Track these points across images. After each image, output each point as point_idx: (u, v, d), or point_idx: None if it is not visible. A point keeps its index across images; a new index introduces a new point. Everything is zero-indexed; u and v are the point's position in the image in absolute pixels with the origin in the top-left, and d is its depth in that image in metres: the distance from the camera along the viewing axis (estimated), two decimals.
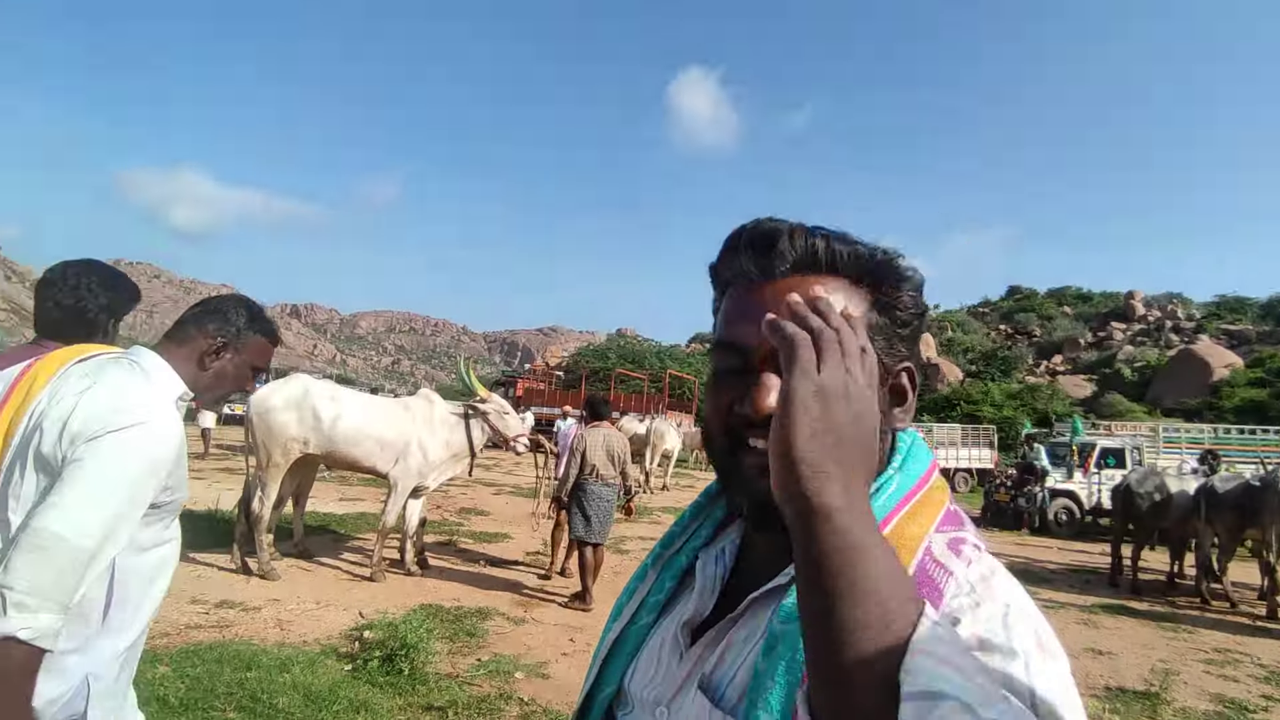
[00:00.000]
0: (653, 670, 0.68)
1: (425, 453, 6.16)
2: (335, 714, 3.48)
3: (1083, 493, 13.83)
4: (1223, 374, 37.60)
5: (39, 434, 1.25)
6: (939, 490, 0.67)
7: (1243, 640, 6.38)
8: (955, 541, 0.60)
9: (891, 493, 0.63)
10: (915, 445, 0.70)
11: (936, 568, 0.57)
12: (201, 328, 1.53)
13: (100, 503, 1.20)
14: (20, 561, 1.12)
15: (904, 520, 0.61)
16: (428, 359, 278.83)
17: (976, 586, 0.56)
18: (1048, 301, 65.25)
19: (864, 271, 0.64)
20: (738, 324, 0.64)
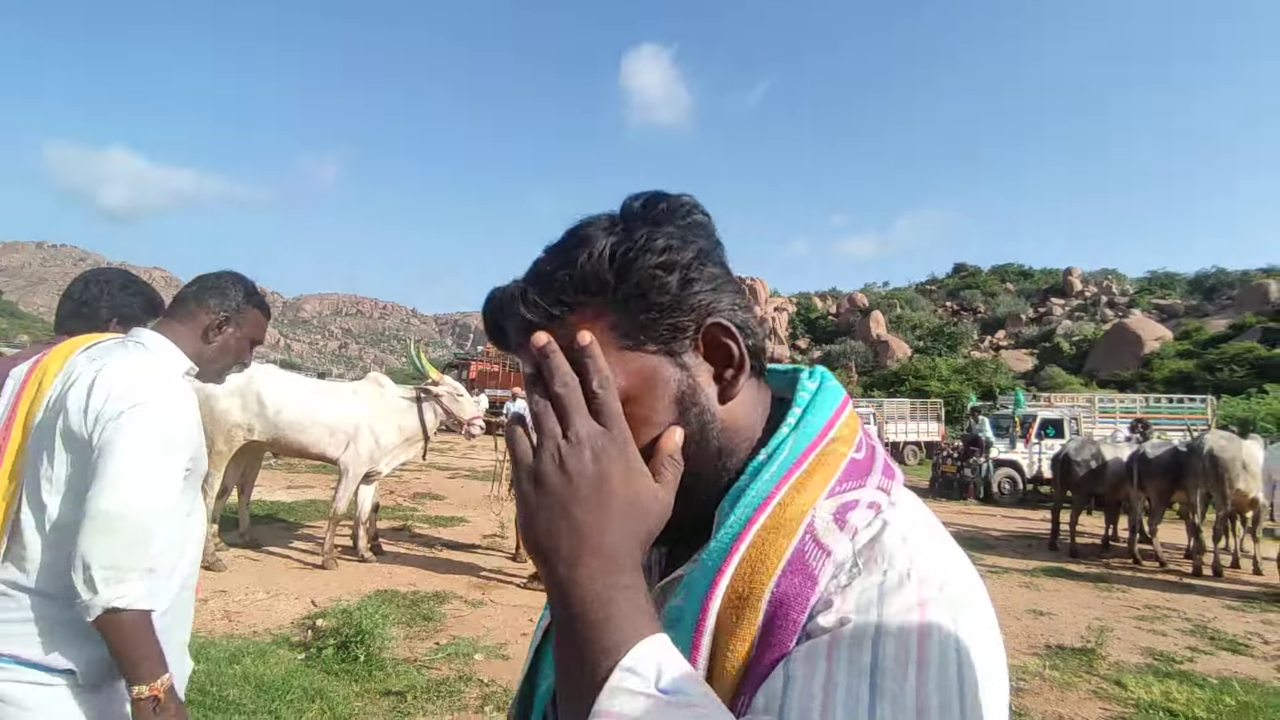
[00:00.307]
0: None
1: (377, 438, 6.04)
2: (289, 703, 3.40)
3: (1024, 462, 14.39)
4: (1153, 347, 39.46)
5: (62, 416, 1.35)
6: (841, 441, 0.59)
7: (1171, 597, 6.74)
8: (845, 507, 0.54)
9: (782, 460, 0.57)
10: (822, 391, 0.63)
11: (815, 551, 0.51)
12: (202, 303, 1.62)
13: (140, 475, 1.33)
14: (91, 543, 1.26)
15: (791, 493, 0.55)
16: (376, 342, 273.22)
17: (859, 559, 0.51)
18: (991, 279, 67.34)
19: (580, 295, 0.57)
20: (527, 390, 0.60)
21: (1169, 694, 4.17)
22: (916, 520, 0.55)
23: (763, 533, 0.53)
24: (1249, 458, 7.56)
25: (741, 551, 0.52)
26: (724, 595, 0.51)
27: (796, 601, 0.49)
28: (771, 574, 0.50)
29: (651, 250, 0.57)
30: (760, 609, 0.50)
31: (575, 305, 0.57)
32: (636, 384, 0.56)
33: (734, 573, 0.52)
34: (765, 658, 0.48)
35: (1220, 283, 54.41)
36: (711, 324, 0.59)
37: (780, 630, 0.49)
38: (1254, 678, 4.58)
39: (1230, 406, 23.85)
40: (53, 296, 61.84)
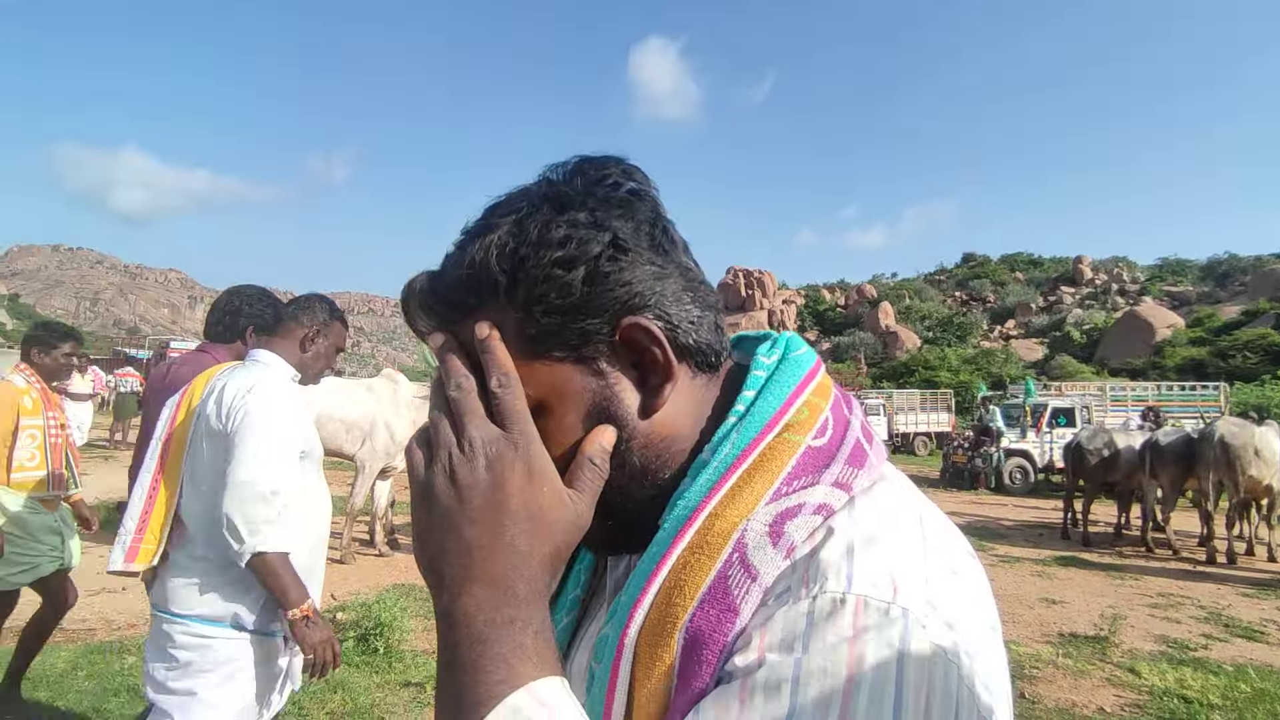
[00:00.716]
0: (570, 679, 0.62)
1: (392, 433, 6.11)
2: (311, 695, 3.47)
3: (1036, 452, 14.35)
4: (1165, 334, 39.18)
5: (204, 420, 1.86)
6: (796, 427, 0.49)
7: (1185, 584, 6.73)
8: (784, 516, 0.45)
9: (720, 459, 0.48)
10: (783, 365, 0.53)
11: (740, 575, 0.43)
12: (298, 320, 2.07)
13: (261, 453, 1.78)
14: (232, 506, 1.73)
15: (723, 503, 0.47)
16: (388, 340, 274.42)
17: (790, 581, 0.43)
18: (1000, 268, 66.96)
19: (473, 298, 0.49)
20: None
21: (1183, 681, 4.18)
22: (883, 518, 0.46)
23: (685, 554, 0.45)
24: (1262, 444, 7.52)
25: (662, 576, 0.45)
26: (640, 625, 0.45)
27: (712, 638, 0.42)
28: (688, 604, 0.43)
29: (546, 244, 0.48)
30: (674, 645, 0.43)
31: (472, 308, 0.50)
32: (545, 395, 0.49)
33: (652, 600, 0.45)
34: (680, 700, 0.42)
35: (1233, 268, 53.93)
36: (629, 324, 0.48)
37: (694, 671, 0.42)
38: (1269, 664, 4.58)
39: (1243, 393, 23.67)
40: (70, 299, 62.06)
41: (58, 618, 3.33)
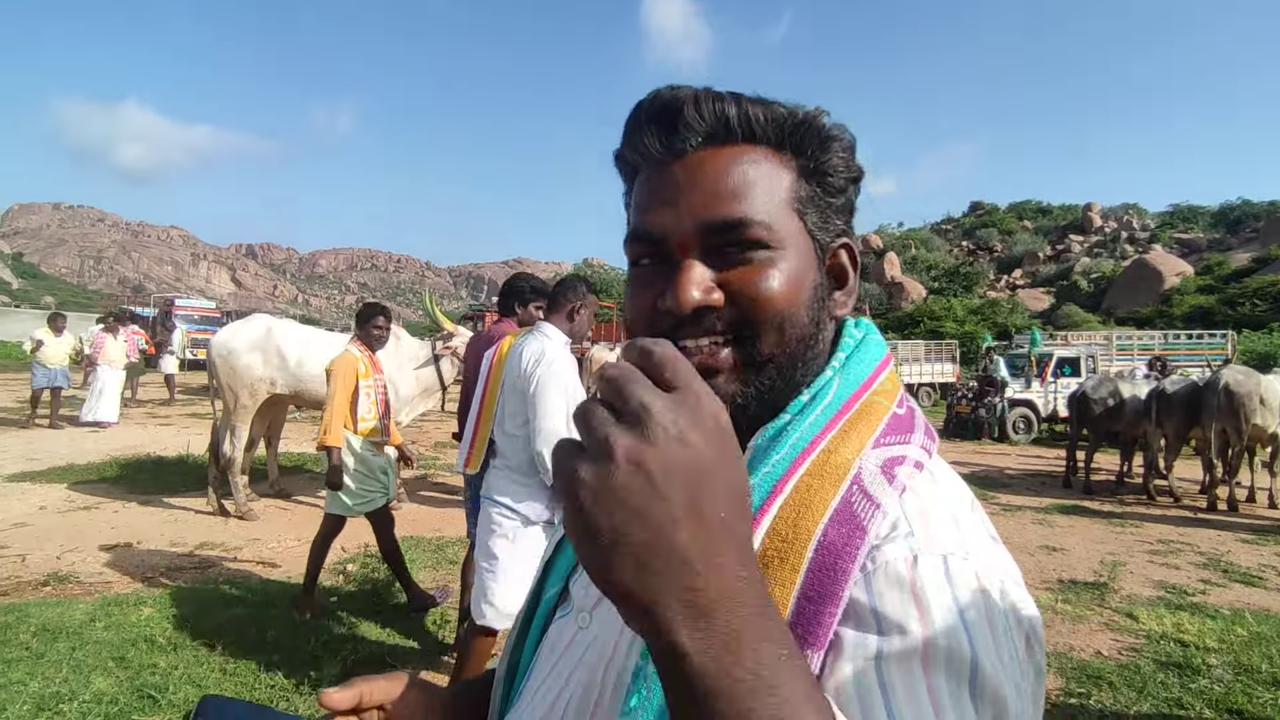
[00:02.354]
0: None
1: (396, 389, 6.10)
2: (324, 643, 3.55)
3: (1040, 401, 14.35)
4: (1174, 282, 38.70)
5: (510, 373, 2.66)
6: (884, 394, 0.59)
7: (1185, 531, 6.79)
8: (891, 461, 0.52)
9: (827, 404, 0.55)
10: (866, 340, 0.63)
11: (863, 499, 0.49)
12: (565, 297, 2.81)
13: (555, 405, 2.49)
14: (542, 446, 2.49)
15: (836, 440, 0.53)
16: (392, 296, 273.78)
17: (912, 523, 0.49)
18: (1008, 217, 65.93)
19: (785, 136, 0.57)
20: (650, 211, 0.57)
21: (1180, 625, 4.24)
22: (958, 489, 0.55)
23: (807, 479, 0.51)
24: (1267, 392, 7.50)
25: (785, 494, 0.50)
26: (764, 536, 0.49)
27: (846, 550, 0.47)
28: (818, 520, 0.48)
29: (840, 140, 0.58)
30: (806, 554, 0.47)
31: (772, 141, 0.57)
32: (790, 243, 0.56)
33: (776, 514, 0.49)
34: (812, 604, 0.46)
35: (1245, 214, 52.89)
36: (845, 243, 0.61)
37: (829, 577, 0.46)
38: (1267, 609, 4.64)
39: (1251, 341, 23.51)
40: (74, 258, 61.60)
41: (389, 538, 4.08)
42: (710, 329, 0.55)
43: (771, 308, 0.54)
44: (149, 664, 3.25)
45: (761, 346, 0.55)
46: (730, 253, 0.55)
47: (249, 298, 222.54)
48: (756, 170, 0.55)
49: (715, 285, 0.55)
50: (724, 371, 0.55)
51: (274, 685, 3.14)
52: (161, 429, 10.65)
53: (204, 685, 3.09)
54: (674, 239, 0.55)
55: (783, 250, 0.55)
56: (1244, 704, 3.33)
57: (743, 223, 0.54)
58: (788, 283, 0.55)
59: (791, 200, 0.56)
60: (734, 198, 0.54)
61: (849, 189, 0.60)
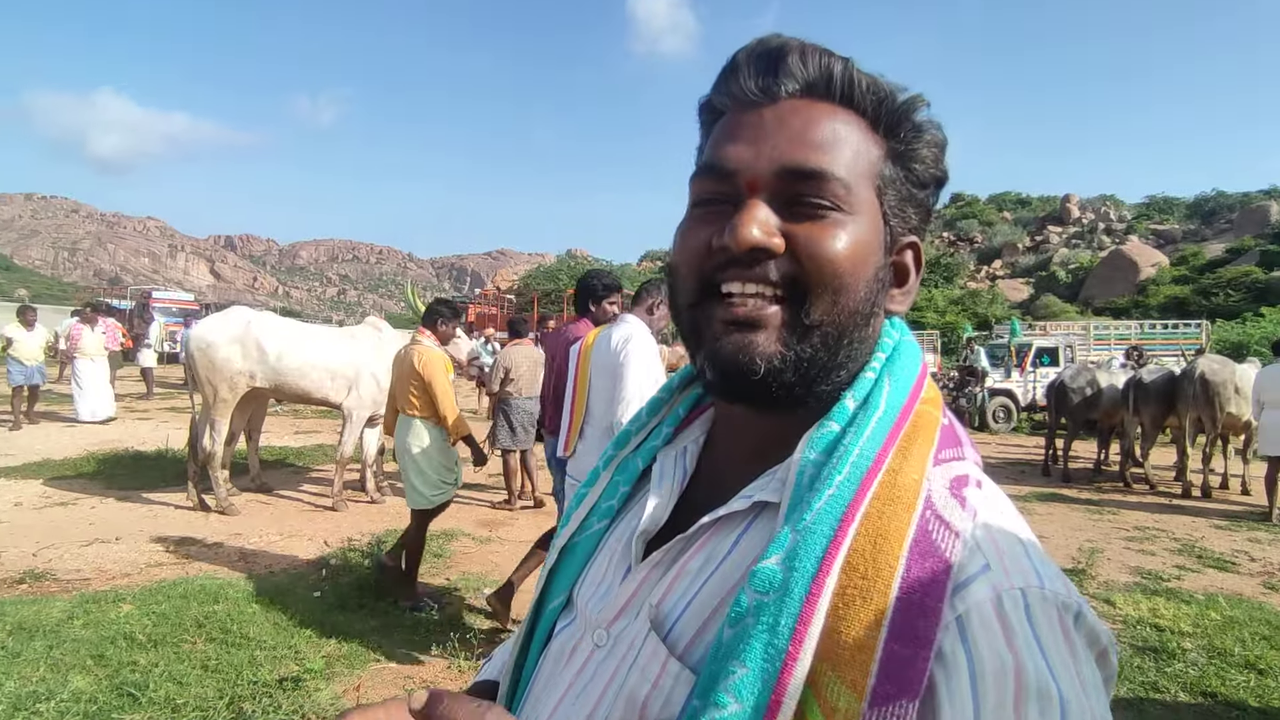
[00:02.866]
0: (599, 582, 0.60)
1: (378, 381, 6.07)
2: (307, 638, 3.53)
3: (1019, 390, 14.52)
4: (1149, 273, 39.27)
5: (597, 361, 3.04)
6: (933, 403, 0.55)
7: (1160, 518, 6.92)
8: (958, 481, 0.50)
9: (881, 414, 0.51)
10: (904, 342, 0.59)
11: (940, 527, 0.46)
12: (648, 293, 3.26)
13: (638, 378, 2.83)
14: (624, 415, 2.72)
15: (899, 457, 0.50)
16: (374, 288, 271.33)
17: (987, 554, 0.46)
18: (988, 208, 66.45)
19: (882, 112, 0.55)
20: (727, 145, 0.54)
21: (1156, 610, 4.32)
22: (1009, 503, 0.52)
23: (878, 504, 0.47)
24: (1242, 381, 7.63)
25: (857, 522, 0.46)
26: (841, 570, 0.45)
27: (934, 587, 0.44)
28: (898, 552, 0.45)
29: (935, 140, 0.57)
30: (890, 592, 0.44)
31: (868, 113, 0.55)
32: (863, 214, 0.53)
33: (851, 545, 0.46)
34: (904, 647, 0.42)
35: (1220, 206, 53.68)
36: (914, 241, 0.59)
37: (920, 617, 0.43)
38: (1240, 593, 4.74)
39: (1225, 331, 23.92)
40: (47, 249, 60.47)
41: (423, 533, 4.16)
42: (762, 277, 0.52)
43: (831, 270, 0.51)
44: (129, 661, 3.20)
45: (812, 309, 0.52)
46: (802, 204, 0.52)
47: (228, 290, 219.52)
48: (848, 131, 0.53)
49: (778, 232, 0.52)
50: (767, 328, 0.52)
51: (256, 681, 3.11)
52: (140, 423, 10.49)
53: (185, 682, 3.06)
54: (746, 175, 0.52)
55: (856, 217, 0.53)
56: (1218, 687, 3.40)
57: (823, 174, 0.52)
58: (853, 249, 0.52)
59: (874, 174, 0.54)
60: (820, 149, 0.52)
61: (931, 188, 0.59)
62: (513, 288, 47.72)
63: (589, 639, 0.57)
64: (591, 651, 0.56)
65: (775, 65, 0.54)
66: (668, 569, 0.54)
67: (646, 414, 0.68)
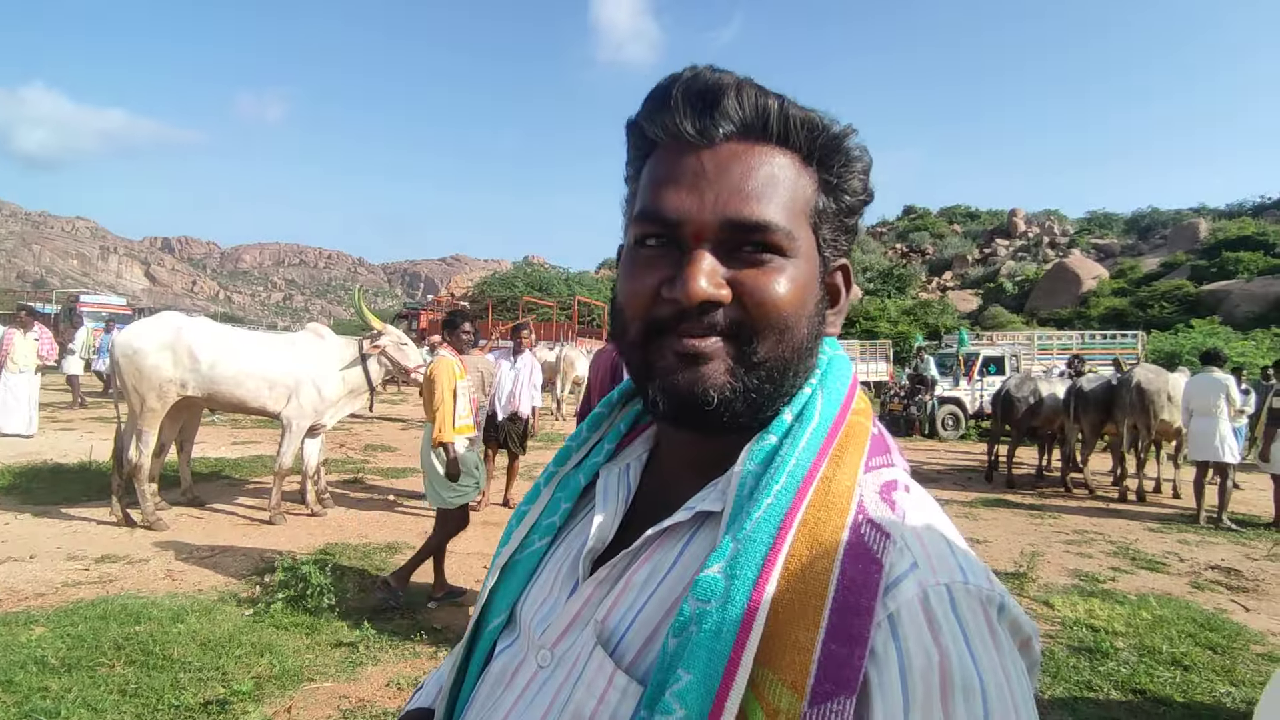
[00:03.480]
0: (543, 601, 0.60)
1: (319, 390, 5.87)
2: (237, 659, 3.36)
3: (967, 399, 14.89)
4: (1091, 285, 40.82)
5: None
6: (863, 414, 0.58)
7: (1098, 522, 7.14)
8: (887, 486, 0.53)
9: (815, 426, 0.54)
10: (835, 357, 0.62)
11: (871, 530, 0.49)
12: None
13: None
14: None
15: (832, 466, 0.53)
16: (323, 293, 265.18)
17: (914, 552, 0.48)
18: (939, 221, 68.33)
19: (815, 147, 0.56)
20: (670, 193, 0.54)
21: (1092, 611, 4.43)
22: (934, 503, 0.55)
23: (814, 510, 0.50)
24: (1174, 390, 7.94)
25: (795, 528, 0.49)
26: (779, 576, 0.47)
27: (866, 587, 0.45)
28: (834, 555, 0.47)
29: (863, 165, 0.58)
30: (827, 594, 0.46)
31: (803, 148, 0.56)
32: (801, 254, 0.55)
33: (788, 551, 0.48)
34: (841, 647, 0.44)
35: (1155, 222, 56.21)
36: (845, 264, 0.61)
37: (855, 617, 0.45)
38: (1169, 593, 4.90)
39: (1159, 341, 24.97)
40: None
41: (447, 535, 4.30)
42: (712, 326, 0.53)
43: (776, 314, 0.54)
44: (39, 687, 3.01)
45: (758, 349, 0.54)
46: (745, 252, 0.54)
47: (165, 294, 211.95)
48: (785, 174, 0.55)
49: (725, 282, 0.53)
50: (717, 363, 0.54)
51: (178, 705, 2.94)
52: (62, 434, 9.96)
53: (100, 709, 2.88)
54: (691, 226, 0.53)
55: (795, 260, 0.54)
56: (1147, 684, 3.50)
57: (767, 226, 0.53)
58: (795, 292, 0.54)
59: (809, 211, 0.56)
60: (761, 199, 0.53)
61: (861, 210, 0.60)
62: (467, 294, 47.13)
63: (532, 659, 0.57)
64: (535, 672, 0.56)
65: (711, 106, 0.54)
66: (614, 584, 0.55)
67: (587, 429, 0.69)
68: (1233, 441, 7.03)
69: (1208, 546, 6.26)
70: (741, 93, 0.54)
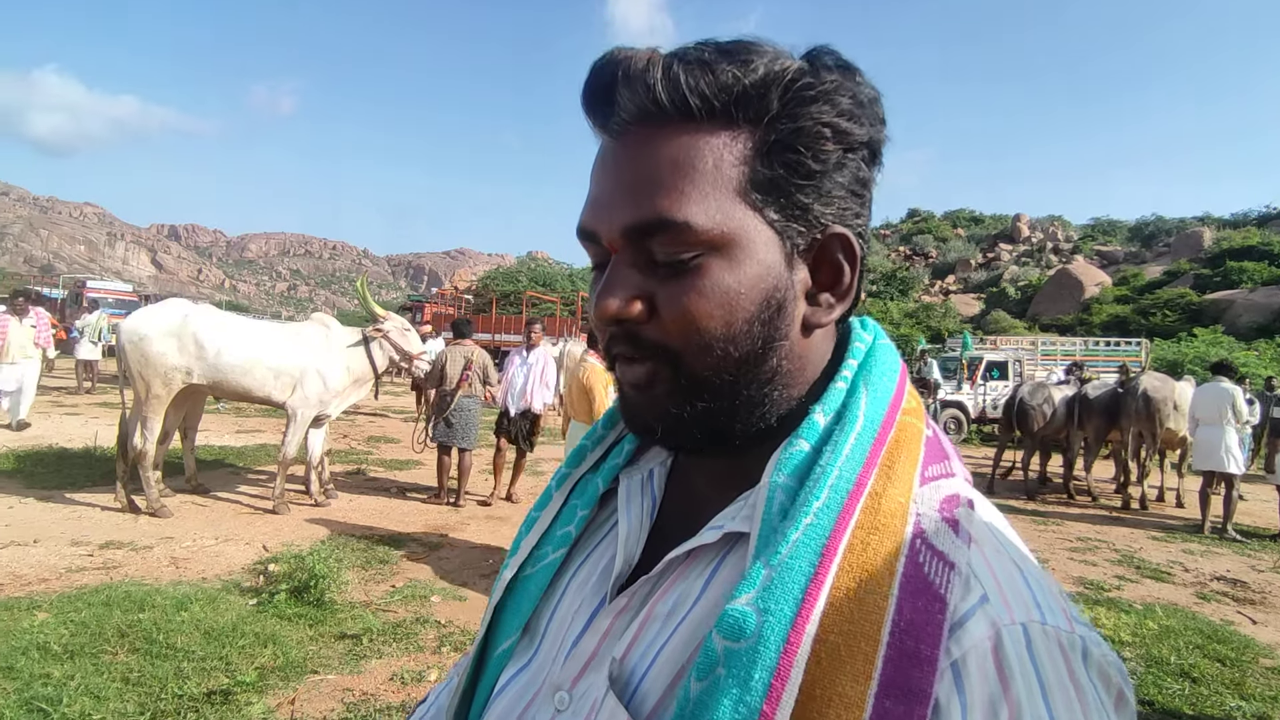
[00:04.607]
0: (565, 630, 0.53)
1: (324, 379, 5.86)
2: (240, 649, 3.35)
3: (969, 403, 14.87)
4: (1094, 292, 40.81)
5: None
6: (914, 413, 0.49)
7: (1102, 529, 7.12)
8: (948, 502, 0.44)
9: (860, 429, 0.45)
10: (878, 345, 0.52)
11: (932, 558, 0.41)
12: None
13: None
14: None
15: (882, 478, 0.44)
16: (327, 284, 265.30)
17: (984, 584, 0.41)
18: (943, 224, 68.32)
19: (735, 104, 0.45)
20: (589, 199, 0.49)
21: (1097, 620, 4.41)
22: (1006, 526, 0.48)
23: (862, 534, 0.41)
24: (1180, 398, 7.92)
25: (839, 557, 0.41)
26: (822, 614, 0.39)
27: (928, 631, 0.38)
28: (887, 590, 0.39)
29: (832, 103, 0.46)
30: (880, 637, 0.38)
31: (717, 113, 0.45)
32: (733, 240, 0.45)
33: (832, 584, 0.40)
34: (897, 703, 0.37)
35: (1159, 230, 56.27)
36: (840, 232, 0.48)
37: (914, 668, 0.37)
38: (1175, 603, 4.88)
39: (1162, 349, 24.95)
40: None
41: None
42: (638, 345, 0.47)
43: (695, 329, 0.45)
44: (41, 674, 2.99)
45: (688, 371, 0.47)
46: (656, 259, 0.46)
47: (171, 281, 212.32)
48: (690, 155, 0.45)
49: (640, 296, 0.46)
50: (657, 389, 0.48)
51: (181, 694, 2.93)
52: (68, 419, 9.97)
53: (103, 696, 2.86)
54: (605, 237, 0.47)
55: (721, 255, 0.45)
56: (1155, 695, 3.48)
57: (660, 224, 0.44)
58: (722, 296, 0.45)
59: (742, 188, 0.45)
60: (654, 193, 0.45)
61: (846, 162, 0.47)
62: (471, 288, 47.12)
63: (549, 702, 0.49)
64: (552, 716, 0.48)
65: (607, 96, 0.47)
66: (635, 615, 0.48)
67: (603, 427, 0.62)
68: (1238, 452, 7.00)
69: (1212, 556, 6.24)
70: (629, 75, 0.45)
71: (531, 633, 0.55)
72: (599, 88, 0.47)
